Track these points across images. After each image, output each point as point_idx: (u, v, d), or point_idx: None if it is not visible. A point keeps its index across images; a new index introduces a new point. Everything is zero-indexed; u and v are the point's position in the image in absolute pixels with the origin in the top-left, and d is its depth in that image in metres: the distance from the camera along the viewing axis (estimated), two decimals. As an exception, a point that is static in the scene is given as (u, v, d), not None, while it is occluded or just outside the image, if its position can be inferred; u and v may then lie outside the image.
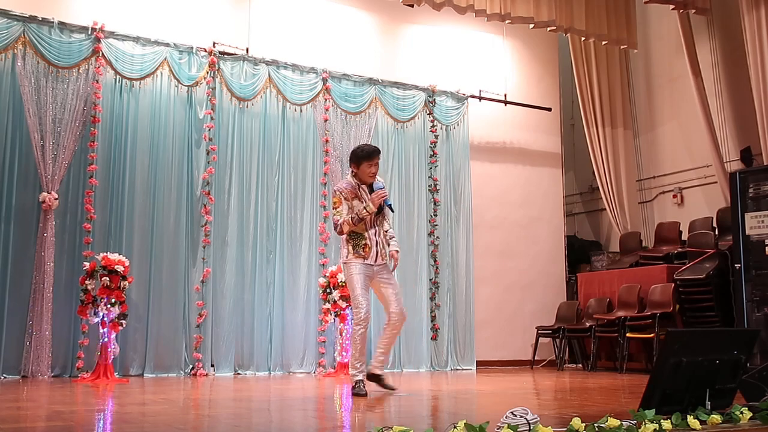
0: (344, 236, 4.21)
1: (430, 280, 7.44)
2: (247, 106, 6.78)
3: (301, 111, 7.03)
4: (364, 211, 4.10)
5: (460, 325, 7.50)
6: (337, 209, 4.15)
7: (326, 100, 7.10)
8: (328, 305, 6.48)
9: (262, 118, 6.83)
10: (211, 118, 6.52)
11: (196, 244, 6.36)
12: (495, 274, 7.96)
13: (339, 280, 6.36)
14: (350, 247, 4.20)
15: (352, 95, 7.27)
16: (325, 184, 6.98)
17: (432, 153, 7.63)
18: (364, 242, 4.18)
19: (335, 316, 6.45)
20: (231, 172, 6.62)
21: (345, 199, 4.17)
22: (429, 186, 7.59)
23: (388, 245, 4.33)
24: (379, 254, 4.21)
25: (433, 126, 7.67)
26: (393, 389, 4.34)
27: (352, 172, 4.23)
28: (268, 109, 6.87)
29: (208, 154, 6.47)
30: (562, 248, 8.45)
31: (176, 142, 6.39)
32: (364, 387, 4.14)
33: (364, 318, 4.11)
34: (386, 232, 4.33)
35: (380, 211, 4.20)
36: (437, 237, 7.54)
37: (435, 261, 7.47)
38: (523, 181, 8.33)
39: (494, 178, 8.15)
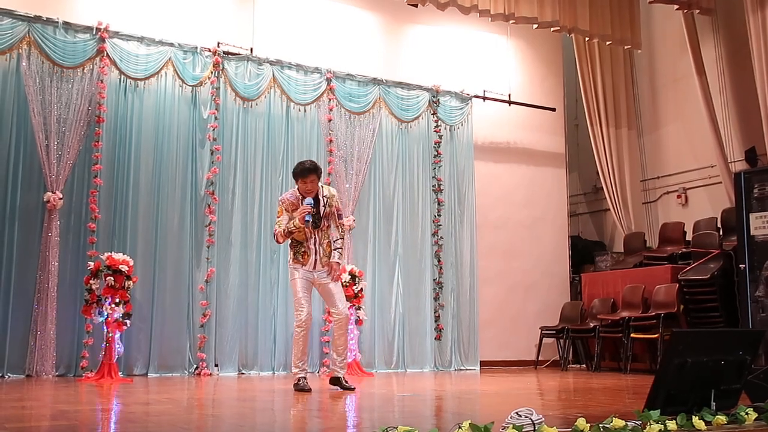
0: (288, 241, 4.40)
1: (434, 280, 7.43)
2: (251, 106, 6.77)
3: (305, 111, 7.02)
4: (292, 224, 4.28)
5: (464, 325, 7.50)
6: (278, 219, 4.36)
7: (330, 100, 7.09)
8: None
9: (266, 118, 6.83)
10: (216, 118, 6.51)
11: (200, 244, 6.36)
12: (499, 274, 7.95)
13: (343, 281, 6.31)
14: (292, 253, 4.45)
15: (356, 95, 7.27)
16: (329, 184, 6.89)
17: (436, 153, 7.63)
18: (303, 250, 4.40)
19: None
20: (235, 172, 6.61)
21: (285, 210, 4.37)
22: (433, 186, 7.58)
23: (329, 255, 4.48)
24: (318, 262, 4.41)
25: (437, 126, 7.67)
26: (352, 389, 4.51)
27: (296, 185, 4.44)
28: (272, 109, 6.87)
29: (212, 153, 6.46)
30: (565, 248, 8.44)
31: (180, 142, 6.38)
32: (306, 383, 4.39)
33: (305, 320, 4.35)
34: (334, 242, 4.49)
35: (318, 224, 4.38)
36: (441, 237, 7.52)
37: (439, 261, 7.46)
38: (527, 181, 8.32)
39: (498, 178, 8.14)
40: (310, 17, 7.21)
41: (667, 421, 2.51)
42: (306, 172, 4.35)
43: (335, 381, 4.57)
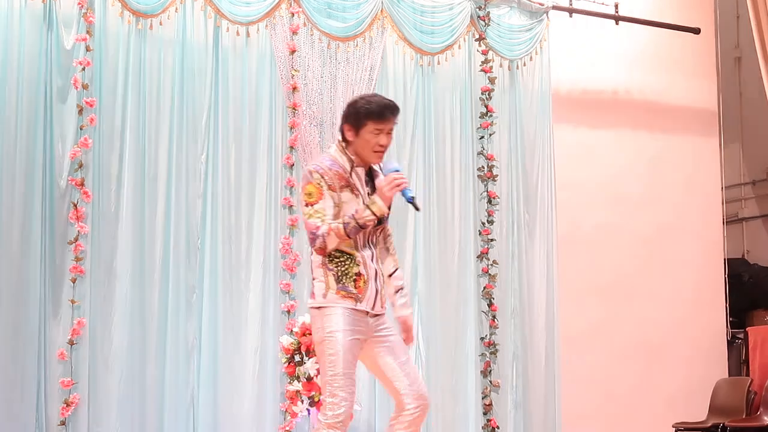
0: (323, 259, 4.19)
1: (482, 339, 7.26)
2: (150, 27, 6.58)
3: (248, 35, 6.85)
4: (368, 213, 4.11)
5: (536, 421, 7.37)
6: (314, 205, 4.14)
7: (293, 15, 6.91)
8: (296, 386, 6.29)
9: (177, 49, 6.66)
10: (87, 50, 6.32)
11: (60, 274, 6.19)
12: (598, 330, 7.85)
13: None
14: (331, 278, 4.16)
15: (339, 6, 7.11)
16: (293, 166, 6.80)
17: (485, 111, 7.46)
18: (356, 270, 4.16)
19: (310, 404, 6.28)
20: (122, 145, 6.44)
21: (329, 187, 4.15)
22: (479, 169, 7.44)
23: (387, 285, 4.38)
24: (379, 295, 4.22)
25: (486, 63, 7.49)
26: None
27: (342, 141, 4.25)
28: (189, 31, 6.69)
29: (81, 113, 6.27)
30: (720, 282, 8.38)
31: (23, 93, 6.23)
32: None
33: (343, 420, 4.08)
34: (391, 277, 4.40)
35: (378, 224, 4.24)
36: (493, 261, 7.34)
37: (490, 305, 7.30)
38: (648, 159, 8.23)
39: (596, 155, 8.05)
40: None
41: None
42: (388, 111, 4.20)
43: None
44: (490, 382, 7.22)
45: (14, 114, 6.16)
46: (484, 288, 7.31)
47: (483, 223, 7.39)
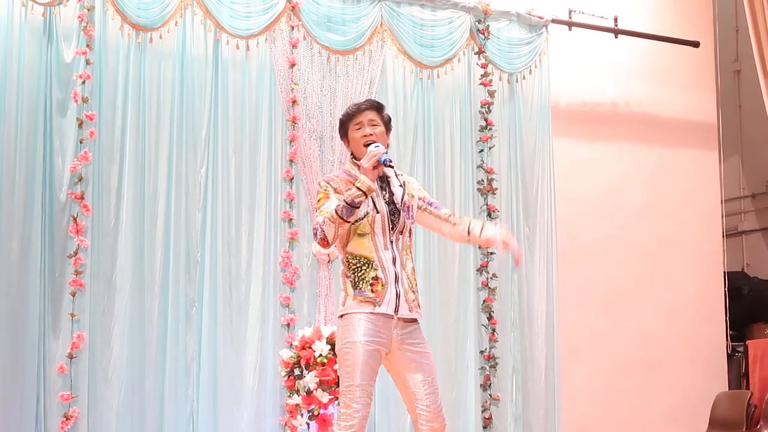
0: (343, 269, 4.28)
1: (481, 352, 7.22)
2: (150, 40, 6.59)
3: (247, 49, 6.85)
4: (353, 189, 4.17)
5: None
6: (321, 208, 4.27)
7: (293, 28, 6.90)
8: (296, 399, 6.27)
9: (177, 62, 6.66)
10: (87, 63, 6.33)
11: (60, 288, 6.18)
12: (598, 342, 7.82)
13: (316, 354, 6.19)
14: (349, 285, 4.23)
15: (339, 20, 7.08)
16: (293, 180, 6.79)
17: (484, 124, 7.45)
18: (373, 274, 4.20)
19: (310, 418, 6.27)
20: (122, 159, 6.44)
21: (335, 190, 4.32)
22: (479, 183, 7.44)
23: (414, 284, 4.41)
24: (403, 298, 4.22)
25: (485, 76, 7.49)
26: None
27: (350, 154, 4.49)
28: (189, 45, 6.70)
29: (81, 126, 6.29)
30: (720, 295, 8.37)
31: (23, 106, 6.21)
32: None
33: (356, 431, 4.09)
34: (459, 220, 4.52)
35: (394, 223, 4.31)
36: (493, 275, 7.33)
37: (490, 318, 7.27)
38: (647, 172, 8.20)
39: (595, 168, 8.03)
40: None
41: None
42: (360, 105, 4.50)
43: None
44: (490, 395, 7.20)
45: (14, 127, 6.17)
46: (484, 301, 7.29)
47: (483, 236, 7.40)
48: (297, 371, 6.28)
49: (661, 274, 8.14)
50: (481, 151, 7.45)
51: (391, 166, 4.29)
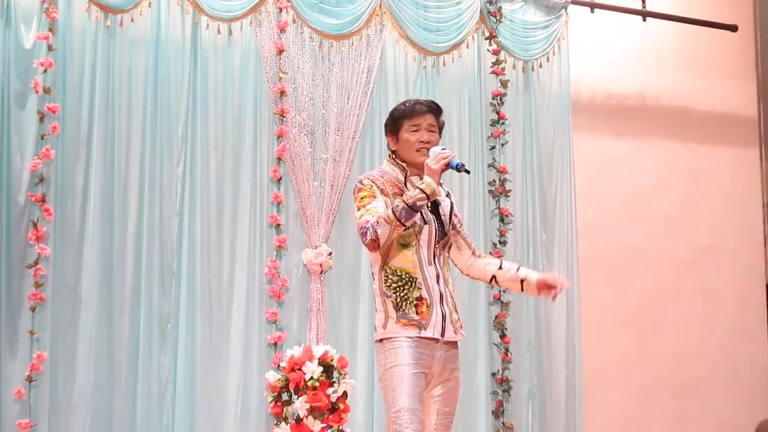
0: (380, 285, 4.29)
1: (493, 375, 7.15)
2: (120, 24, 6.47)
3: (230, 33, 6.75)
4: (416, 191, 4.18)
5: None
6: (366, 206, 4.30)
7: (281, 10, 6.80)
8: (284, 428, 5.92)
9: (151, 48, 6.56)
10: (50, 49, 6.19)
11: (18, 302, 6.07)
12: (625, 364, 7.75)
13: (307, 377, 6.01)
14: (390, 306, 4.24)
15: (332, 0, 7.03)
16: (280, 180, 6.70)
17: (496, 118, 7.38)
18: (417, 294, 4.23)
19: None
20: (89, 157, 6.34)
21: (381, 191, 4.35)
22: (490, 183, 7.38)
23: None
24: (448, 320, 4.28)
25: (497, 64, 7.40)
26: None
27: (391, 154, 4.50)
28: (164, 29, 6.61)
29: (42, 120, 6.16)
30: (762, 310, 8.42)
31: None
32: None
33: None
34: (483, 258, 4.58)
35: (443, 236, 4.38)
36: (505, 289, 7.01)
37: (503, 337, 7.18)
38: (680, 173, 8.21)
39: (621, 167, 8.00)
40: None
41: None
42: (421, 105, 4.44)
43: None
44: (503, 423, 7.09)
45: (-33, 120, 6.10)
46: (496, 317, 7.20)
47: (494, 244, 7.27)
48: (285, 396, 5.94)
49: (695, 288, 8.11)
50: (493, 147, 7.36)
51: (467, 171, 4.34)
